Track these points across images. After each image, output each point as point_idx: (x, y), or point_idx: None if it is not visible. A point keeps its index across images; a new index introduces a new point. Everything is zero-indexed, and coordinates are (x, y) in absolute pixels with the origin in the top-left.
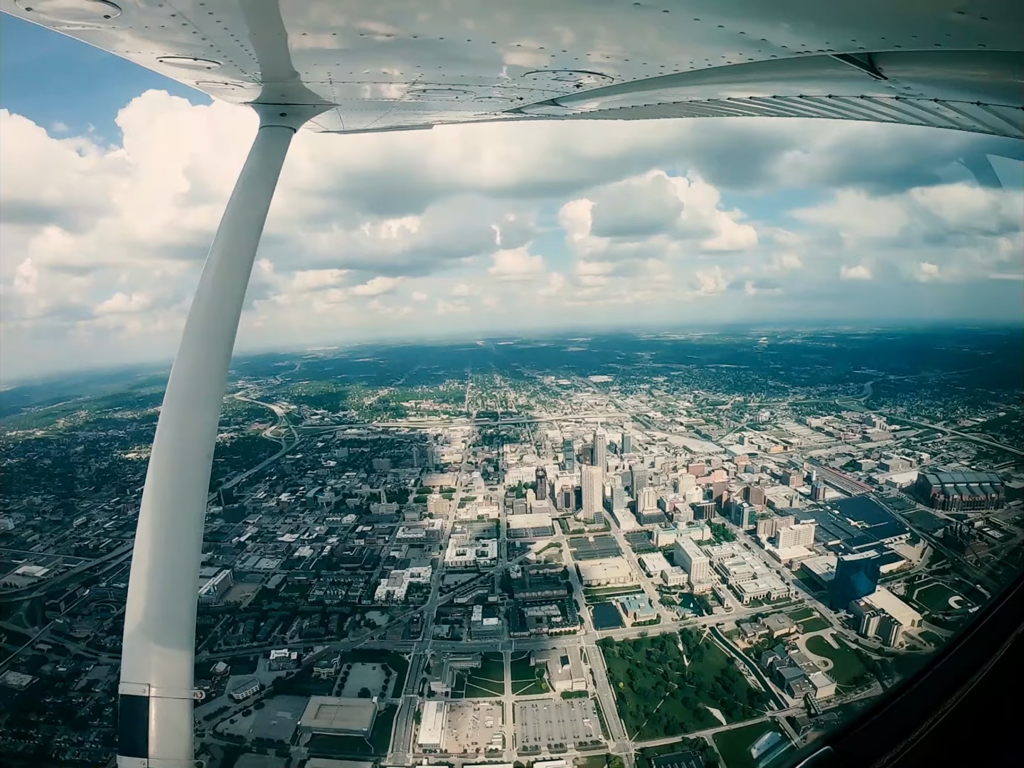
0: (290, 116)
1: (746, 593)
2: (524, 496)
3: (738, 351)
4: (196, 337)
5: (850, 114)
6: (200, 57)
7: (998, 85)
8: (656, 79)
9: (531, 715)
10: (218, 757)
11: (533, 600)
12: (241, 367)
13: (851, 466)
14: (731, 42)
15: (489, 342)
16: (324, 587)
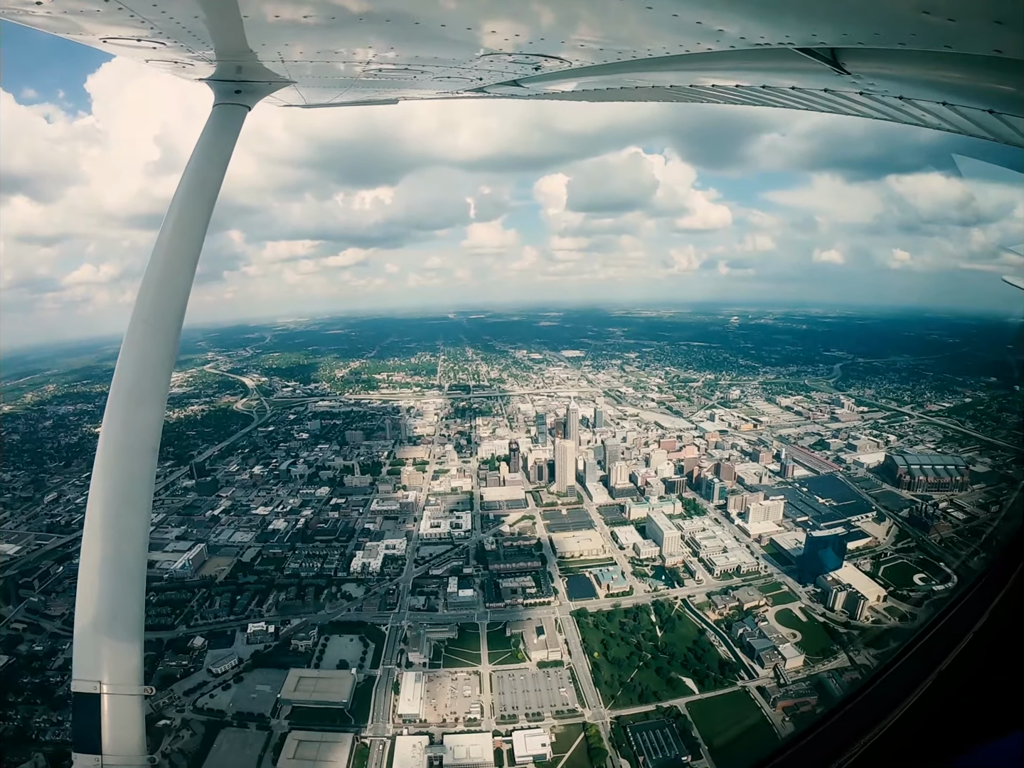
0: (245, 94)
1: (716, 566)
2: (497, 469)
3: (709, 329)
4: (144, 320)
5: (815, 106)
6: (144, 39)
7: (965, 87)
8: (615, 64)
9: (508, 684)
10: (199, 732)
11: (508, 572)
12: (211, 339)
13: (819, 445)
14: (687, 31)
15: (461, 315)
16: (299, 560)
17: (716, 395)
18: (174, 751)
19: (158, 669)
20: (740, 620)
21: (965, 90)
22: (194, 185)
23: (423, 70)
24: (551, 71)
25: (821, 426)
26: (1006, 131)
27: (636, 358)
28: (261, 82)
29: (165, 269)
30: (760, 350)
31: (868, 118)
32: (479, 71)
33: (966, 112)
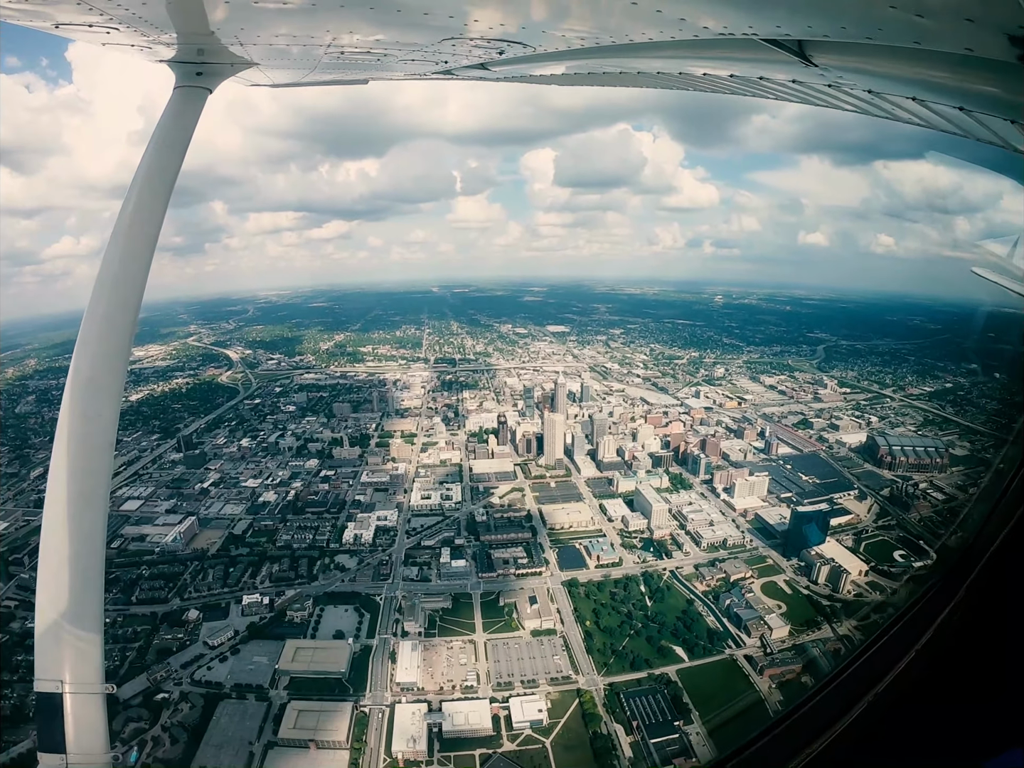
0: (207, 76)
1: (703, 539)
2: (486, 442)
3: (693, 308)
4: (101, 315)
5: (784, 96)
6: (96, 24)
7: (935, 84)
8: (579, 51)
9: (503, 653)
10: (198, 705)
11: (499, 542)
12: (192, 311)
13: (803, 424)
14: (647, 20)
15: (445, 289)
16: (291, 531)
17: (701, 373)
18: (174, 724)
19: (154, 643)
20: (727, 591)
21: (936, 87)
22: (153, 172)
23: (386, 53)
24: (516, 56)
25: (804, 406)
26: (978, 129)
27: (621, 334)
28: (223, 64)
29: (123, 259)
30: (744, 329)
31: (838, 110)
32: (443, 55)
33: (937, 109)
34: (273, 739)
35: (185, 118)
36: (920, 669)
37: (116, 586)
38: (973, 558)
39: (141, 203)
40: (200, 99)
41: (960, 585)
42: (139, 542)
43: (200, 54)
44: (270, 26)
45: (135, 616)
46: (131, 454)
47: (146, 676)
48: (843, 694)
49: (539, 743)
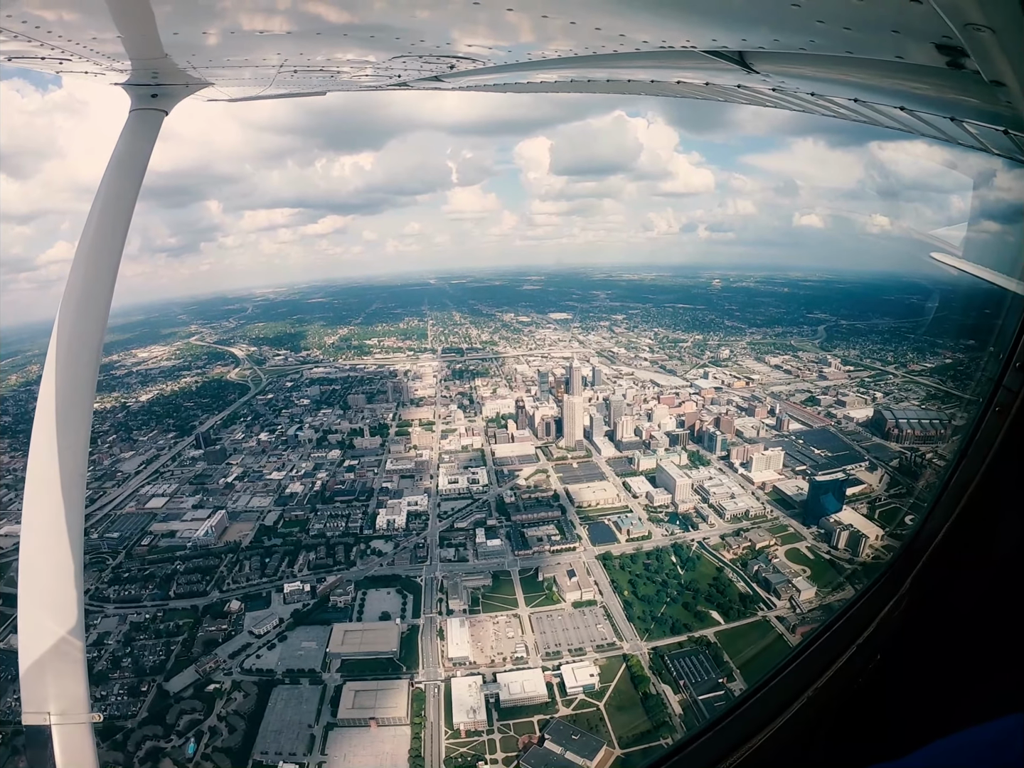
0: (162, 97)
1: (726, 511)
2: (505, 426)
3: (692, 292)
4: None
5: (731, 99)
6: (48, 57)
7: (873, 87)
8: (527, 63)
9: (547, 624)
10: (252, 693)
11: (530, 521)
12: (191, 312)
13: (811, 401)
14: (587, 36)
15: (442, 281)
16: (323, 520)
17: (706, 355)
18: (230, 713)
19: (198, 635)
20: (754, 558)
21: (875, 89)
22: (110, 199)
23: (339, 70)
24: (466, 69)
25: (810, 384)
26: (921, 127)
27: (624, 320)
28: (178, 85)
29: (84, 287)
30: (744, 312)
31: (785, 110)
32: (395, 70)
33: (879, 108)
34: (332, 720)
35: (142, 141)
36: (861, 662)
37: (152, 582)
38: (918, 551)
39: (101, 230)
40: (156, 121)
41: (905, 577)
42: (169, 538)
43: (155, 76)
44: (221, 51)
45: (175, 610)
46: (149, 453)
47: (194, 668)
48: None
49: (593, 706)
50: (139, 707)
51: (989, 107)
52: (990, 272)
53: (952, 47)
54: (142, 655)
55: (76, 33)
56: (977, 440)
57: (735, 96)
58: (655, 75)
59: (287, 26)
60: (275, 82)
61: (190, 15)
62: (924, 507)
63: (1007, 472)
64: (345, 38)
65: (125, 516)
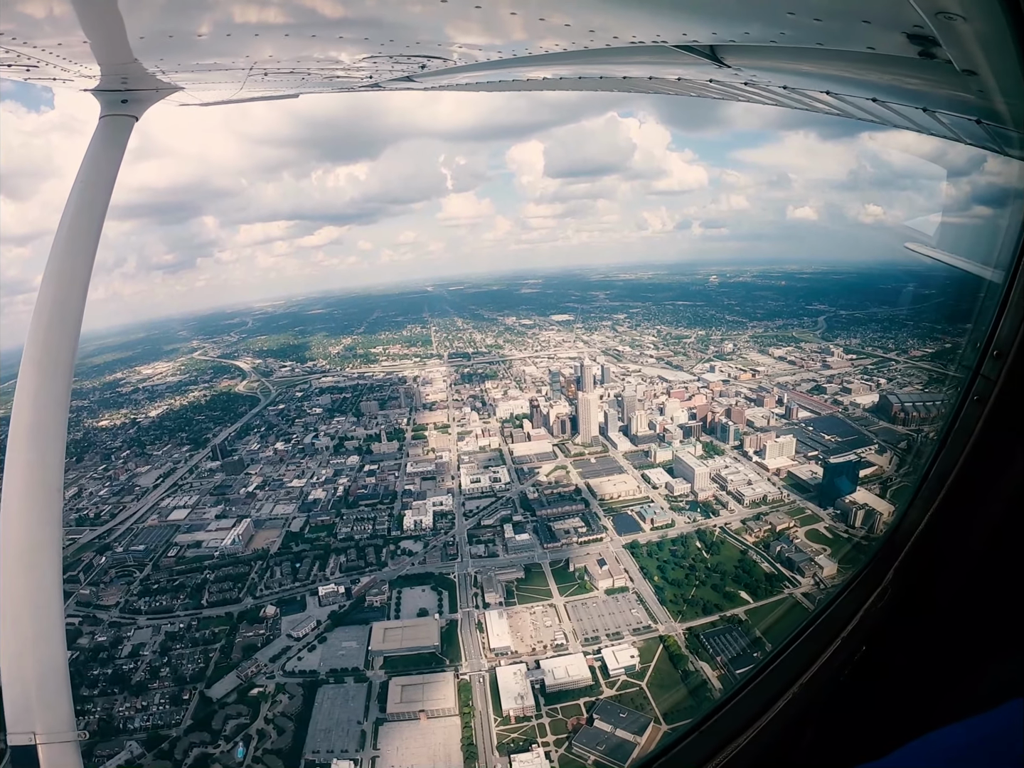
0: (132, 103)
1: (745, 497)
2: (520, 426)
3: (690, 289)
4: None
5: (704, 94)
6: (13, 64)
7: (845, 79)
8: (499, 61)
9: (583, 612)
10: (297, 694)
11: (555, 515)
12: (191, 327)
13: (817, 390)
14: (559, 33)
15: (439, 287)
16: (349, 524)
17: (711, 349)
18: (277, 715)
19: (236, 641)
20: (775, 540)
21: (847, 81)
22: (82, 206)
23: (310, 72)
24: (439, 68)
25: (815, 373)
26: (893, 117)
27: (625, 319)
28: (148, 90)
29: (56, 298)
30: (744, 306)
31: (758, 104)
32: (365, 71)
33: (851, 100)
34: (381, 715)
35: (112, 148)
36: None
37: (182, 592)
38: (899, 542)
39: (72, 239)
40: (127, 127)
41: (888, 569)
42: (196, 548)
43: (124, 81)
44: (190, 54)
45: (210, 618)
46: (165, 466)
47: (235, 674)
48: (769, 687)
49: (636, 686)
50: (183, 715)
51: (961, 97)
52: (964, 260)
53: (924, 36)
54: (180, 664)
55: (41, 38)
56: (956, 429)
57: (708, 91)
58: (627, 71)
59: (254, 28)
60: (246, 85)
61: (157, 18)
62: (907, 496)
63: (986, 461)
64: (314, 39)
65: (148, 529)
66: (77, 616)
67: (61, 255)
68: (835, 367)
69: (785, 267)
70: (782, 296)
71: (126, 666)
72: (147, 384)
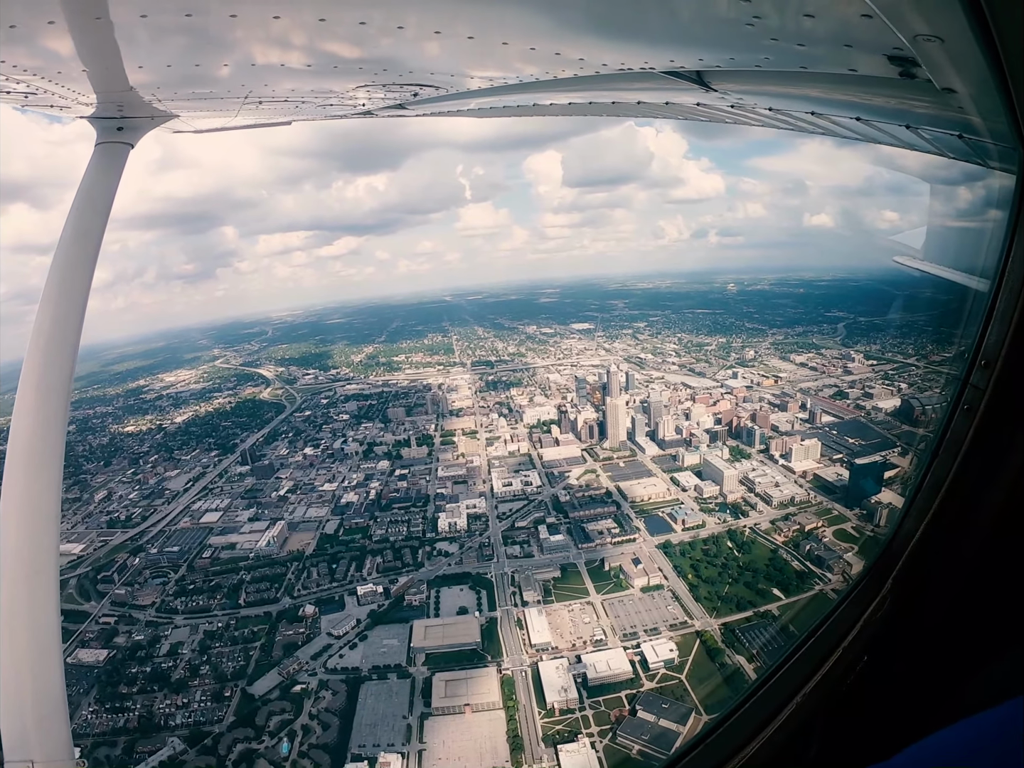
0: (127, 131)
1: (773, 499)
2: (548, 431)
3: (709, 297)
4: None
5: (692, 118)
6: (13, 92)
7: (829, 100)
8: (491, 89)
9: (620, 609)
10: (340, 690)
11: (588, 517)
12: (211, 336)
13: (839, 395)
14: (548, 61)
15: (458, 297)
16: (383, 526)
17: (732, 356)
18: (321, 711)
19: (276, 640)
20: (804, 539)
21: (831, 102)
22: (78, 233)
23: (304, 100)
24: (431, 96)
25: (836, 379)
26: (878, 135)
27: (646, 327)
28: (143, 117)
29: (51, 331)
30: (763, 314)
31: (745, 125)
32: (359, 99)
33: (836, 120)
34: (427, 710)
35: (108, 176)
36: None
37: (219, 592)
38: (896, 552)
39: (69, 265)
40: (122, 155)
41: (886, 579)
42: (230, 550)
43: (120, 109)
44: (186, 83)
45: (248, 618)
46: (195, 471)
47: (277, 671)
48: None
49: (675, 679)
50: (225, 712)
51: (942, 113)
52: (950, 271)
53: (903, 58)
54: (220, 662)
55: (42, 67)
56: (948, 439)
57: (695, 114)
58: (615, 96)
59: (252, 59)
60: (240, 113)
61: (155, 48)
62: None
63: (978, 470)
64: (309, 68)
65: (181, 531)
66: (112, 615)
67: (57, 284)
68: (856, 372)
69: (802, 275)
70: (800, 303)
71: (165, 664)
72: (171, 391)
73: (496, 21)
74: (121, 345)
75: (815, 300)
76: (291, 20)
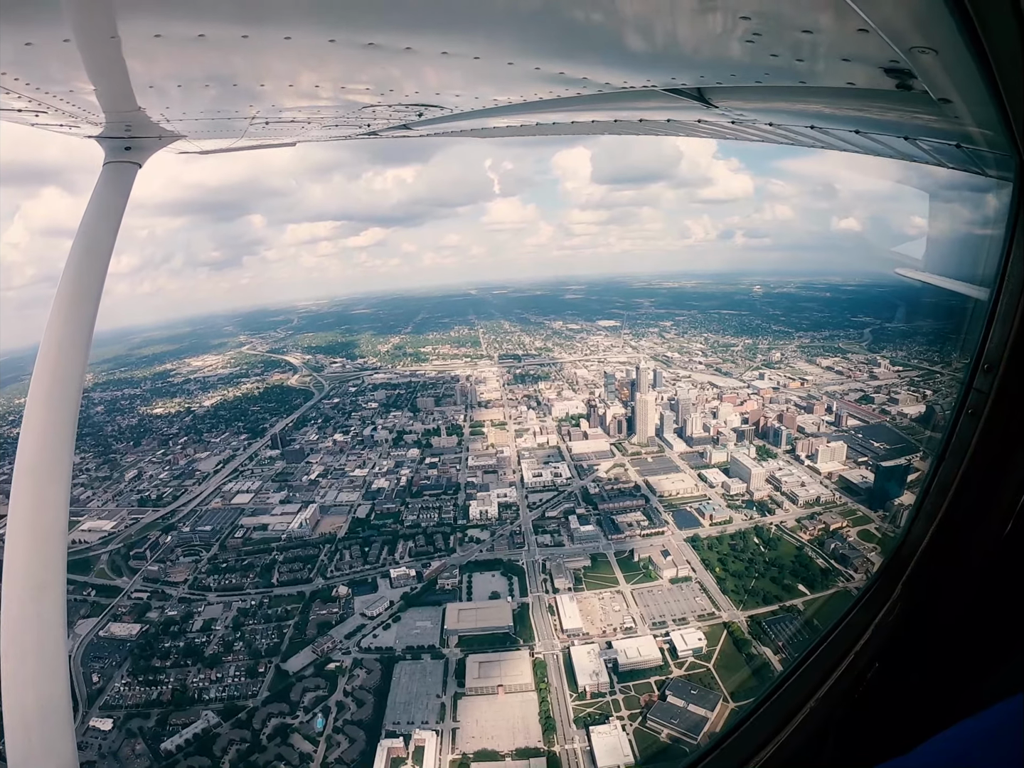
0: (135, 151)
1: (799, 498)
2: (577, 425)
3: (735, 298)
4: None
5: (693, 134)
6: (25, 109)
7: (828, 115)
8: (495, 109)
9: (649, 598)
10: (375, 669)
11: (617, 509)
12: (236, 323)
13: (865, 399)
14: (553, 80)
15: (483, 291)
16: (415, 512)
17: (758, 357)
18: (356, 688)
19: (309, 619)
20: (829, 538)
21: (829, 116)
22: (86, 255)
23: (310, 121)
24: (435, 116)
25: (862, 383)
26: (876, 147)
27: (672, 326)
28: (151, 138)
29: (60, 349)
30: (789, 317)
31: (745, 141)
32: (365, 120)
33: (835, 133)
34: (460, 690)
35: (116, 195)
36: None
37: (252, 571)
38: (906, 556)
39: (77, 285)
40: (130, 174)
41: (896, 583)
42: (262, 531)
43: (128, 129)
44: (194, 104)
45: (281, 597)
46: (225, 453)
47: (311, 649)
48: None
49: (703, 667)
50: (259, 687)
51: (939, 124)
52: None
53: (900, 70)
54: (254, 638)
55: (53, 86)
56: (953, 444)
57: (697, 131)
58: (618, 115)
59: (260, 80)
60: (247, 134)
61: (165, 68)
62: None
63: (983, 474)
64: (316, 89)
65: (212, 511)
66: (144, 591)
67: (66, 302)
68: (882, 378)
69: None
70: (827, 308)
71: (198, 640)
72: (198, 375)
73: (502, 41)
74: (147, 329)
75: (841, 305)
76: (302, 40)
